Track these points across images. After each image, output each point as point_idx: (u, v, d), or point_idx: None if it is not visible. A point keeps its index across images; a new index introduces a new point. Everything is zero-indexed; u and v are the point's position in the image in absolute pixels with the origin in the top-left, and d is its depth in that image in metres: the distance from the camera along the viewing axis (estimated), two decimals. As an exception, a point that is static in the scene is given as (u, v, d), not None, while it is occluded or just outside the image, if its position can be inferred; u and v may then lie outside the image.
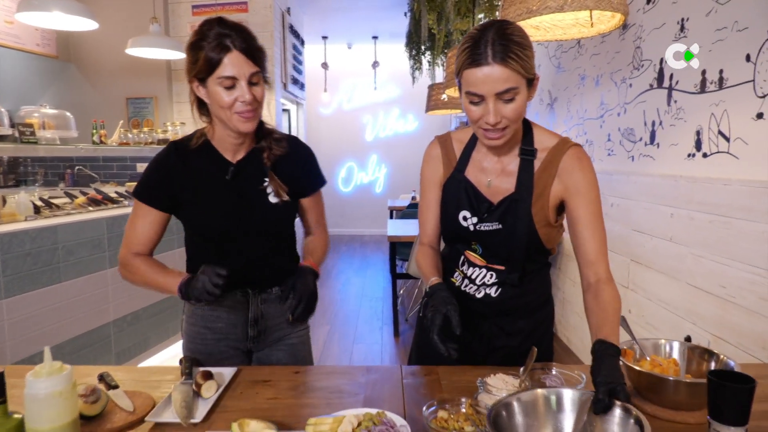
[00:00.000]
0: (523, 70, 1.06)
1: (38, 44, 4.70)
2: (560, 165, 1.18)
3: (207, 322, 1.43)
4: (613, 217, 2.99)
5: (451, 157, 1.31)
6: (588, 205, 1.17)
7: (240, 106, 1.22)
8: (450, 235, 1.33)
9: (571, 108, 3.71)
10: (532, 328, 1.35)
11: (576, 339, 3.59)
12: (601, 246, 1.18)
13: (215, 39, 1.18)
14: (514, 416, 0.95)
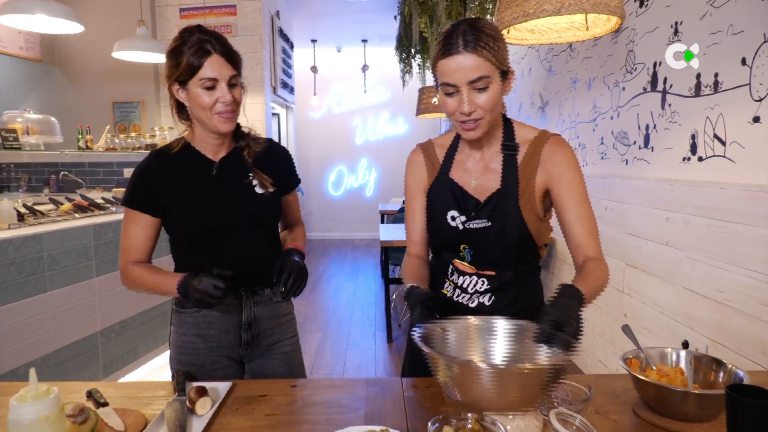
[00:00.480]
0: (495, 59, 1.09)
1: (22, 47, 4.61)
2: (542, 155, 1.20)
3: (198, 329, 1.40)
4: (606, 221, 2.98)
5: (434, 161, 1.32)
6: (572, 189, 1.19)
7: (220, 107, 1.28)
8: (439, 239, 1.30)
9: (563, 111, 3.70)
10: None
11: (570, 343, 3.57)
12: (588, 228, 1.19)
13: (196, 44, 1.24)
14: (447, 336, 1.04)
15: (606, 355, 3.01)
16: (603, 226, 3.02)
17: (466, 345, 1.06)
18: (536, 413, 1.01)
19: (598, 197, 3.10)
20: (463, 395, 0.93)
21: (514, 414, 0.98)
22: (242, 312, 1.42)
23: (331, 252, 7.88)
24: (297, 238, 1.53)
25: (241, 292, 1.42)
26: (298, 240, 1.51)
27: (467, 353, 1.05)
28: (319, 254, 7.72)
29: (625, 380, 1.28)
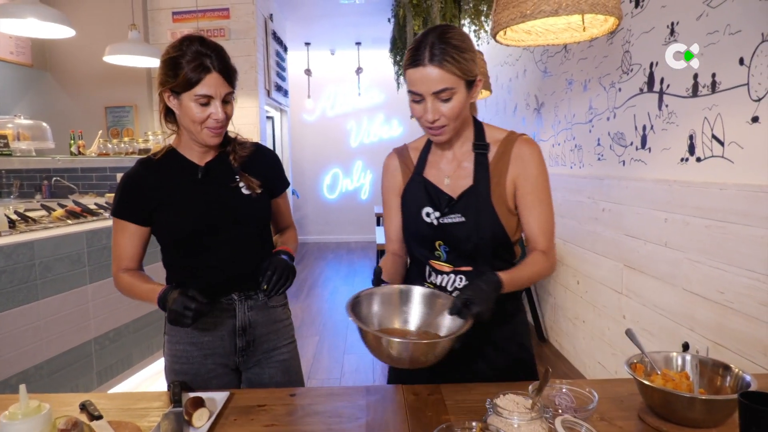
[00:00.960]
0: (460, 71, 1.14)
1: (12, 52, 4.57)
2: (512, 152, 1.26)
3: (192, 337, 1.39)
4: (604, 222, 2.97)
5: (409, 164, 1.37)
6: (533, 190, 1.25)
7: (212, 123, 1.28)
8: (415, 236, 1.33)
9: (558, 113, 3.70)
10: (511, 335, 1.37)
11: (568, 345, 3.57)
12: (540, 223, 1.26)
13: (196, 58, 1.23)
14: (372, 305, 1.21)
15: (605, 357, 2.99)
16: (600, 228, 3.01)
17: (388, 310, 1.22)
18: (541, 421, 0.99)
19: (595, 198, 3.09)
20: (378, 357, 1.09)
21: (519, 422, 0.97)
22: (236, 317, 1.40)
23: (327, 255, 7.84)
24: (287, 241, 1.52)
25: (234, 296, 1.40)
26: (288, 243, 1.50)
27: (389, 318, 1.22)
28: (315, 258, 7.68)
29: (629, 385, 1.26)
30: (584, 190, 3.25)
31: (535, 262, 1.26)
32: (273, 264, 1.31)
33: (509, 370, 1.35)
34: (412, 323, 1.22)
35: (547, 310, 3.97)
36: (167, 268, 1.41)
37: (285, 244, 1.48)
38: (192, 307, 1.18)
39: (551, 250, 1.28)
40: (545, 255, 1.26)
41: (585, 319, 3.27)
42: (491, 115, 5.61)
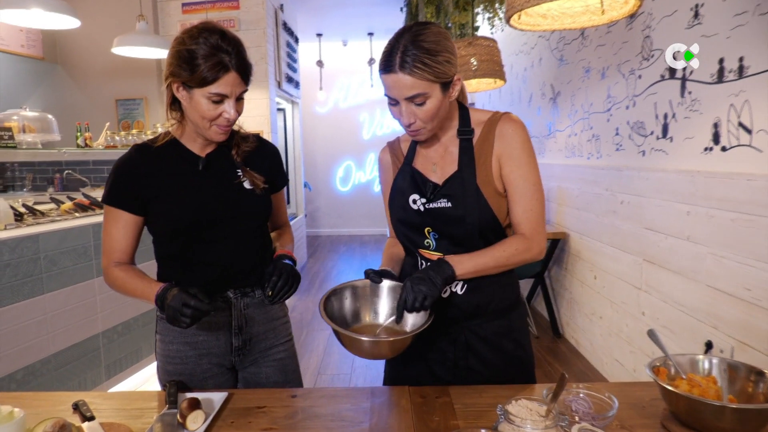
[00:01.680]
0: (433, 76, 1.11)
1: (23, 45, 4.56)
2: (496, 132, 1.22)
3: (186, 337, 1.32)
4: (623, 215, 2.87)
5: (399, 155, 1.37)
6: (517, 169, 1.20)
7: (223, 121, 1.22)
8: (404, 223, 1.31)
9: (575, 102, 3.58)
10: (506, 331, 1.30)
11: (585, 341, 3.47)
12: (525, 206, 1.21)
13: (215, 55, 1.15)
14: (344, 300, 1.27)
15: (623, 355, 2.90)
16: (619, 221, 2.91)
17: (359, 302, 1.28)
18: (557, 429, 0.92)
19: (613, 190, 2.98)
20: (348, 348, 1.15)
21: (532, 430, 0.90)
22: (232, 315, 1.34)
23: (340, 248, 7.80)
24: (285, 242, 1.47)
25: (229, 294, 1.34)
26: (286, 245, 1.45)
27: (361, 310, 1.28)
28: (328, 251, 7.64)
29: (651, 389, 1.18)
30: (602, 182, 3.14)
31: (509, 244, 1.20)
32: (278, 269, 1.26)
33: (504, 368, 1.30)
34: (381, 315, 1.27)
35: (563, 305, 3.87)
36: (159, 262, 1.35)
37: (283, 246, 1.43)
38: (191, 304, 1.11)
39: (537, 235, 1.21)
40: (526, 239, 1.20)
41: (602, 315, 3.17)
42: (506, 105, 5.49)
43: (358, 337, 1.10)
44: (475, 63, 3.47)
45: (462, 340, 1.28)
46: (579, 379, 3.14)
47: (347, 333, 1.11)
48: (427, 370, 1.32)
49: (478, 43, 3.45)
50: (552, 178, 4.06)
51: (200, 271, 1.31)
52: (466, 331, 1.28)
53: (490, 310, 1.28)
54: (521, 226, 1.21)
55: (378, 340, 1.14)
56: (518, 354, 1.30)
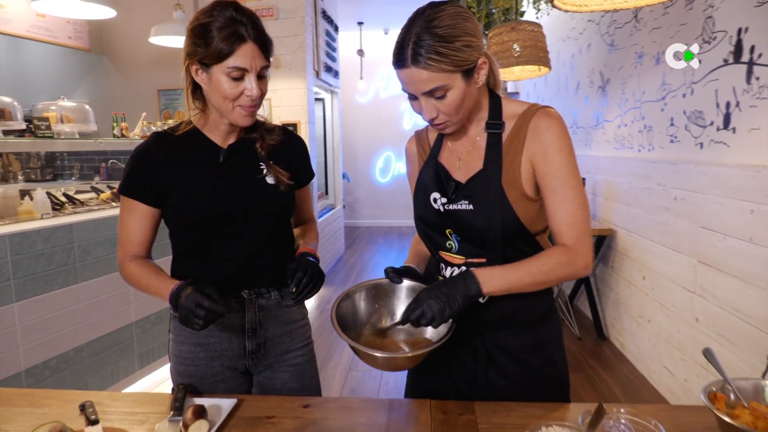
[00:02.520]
0: (451, 65, 0.99)
1: (70, 37, 4.68)
2: (528, 127, 1.08)
3: (198, 338, 1.26)
4: (676, 212, 2.66)
5: (425, 147, 1.26)
6: (553, 170, 1.05)
7: (246, 100, 1.15)
8: (426, 223, 1.20)
9: (626, 90, 3.35)
10: (535, 345, 1.17)
11: (631, 345, 3.27)
12: (567, 212, 1.05)
13: (229, 26, 1.09)
14: (360, 302, 1.19)
15: (673, 362, 2.70)
16: (672, 218, 2.70)
17: (373, 306, 1.20)
18: None
19: (666, 186, 2.76)
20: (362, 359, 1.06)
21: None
22: (245, 317, 1.27)
23: (378, 240, 7.74)
24: (309, 240, 1.38)
25: (243, 294, 1.26)
26: (310, 243, 1.36)
27: (376, 313, 1.19)
28: (366, 242, 7.60)
29: (704, 415, 1.04)
30: (654, 176, 2.92)
31: (548, 256, 1.05)
32: (303, 265, 1.18)
33: (532, 386, 1.16)
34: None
35: (608, 306, 3.67)
36: (174, 256, 1.30)
37: (307, 244, 1.34)
38: (205, 305, 1.05)
39: (581, 245, 1.04)
40: (569, 250, 1.04)
41: (651, 319, 2.97)
42: (551, 93, 5.25)
43: (371, 352, 1.01)
44: (518, 49, 3.29)
45: (482, 352, 1.17)
46: (624, 387, 2.96)
47: (359, 347, 1.02)
48: (449, 380, 1.21)
49: (522, 28, 3.27)
50: (599, 171, 3.84)
51: (214, 268, 1.24)
52: (488, 343, 1.17)
53: (517, 322, 1.15)
54: (562, 236, 1.06)
55: (393, 356, 1.04)
56: (548, 371, 1.17)
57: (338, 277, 5.66)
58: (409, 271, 1.21)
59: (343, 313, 1.13)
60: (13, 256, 2.07)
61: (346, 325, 1.11)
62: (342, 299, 1.16)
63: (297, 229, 1.44)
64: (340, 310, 1.13)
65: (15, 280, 2.08)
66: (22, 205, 2.45)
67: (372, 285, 1.21)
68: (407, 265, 1.25)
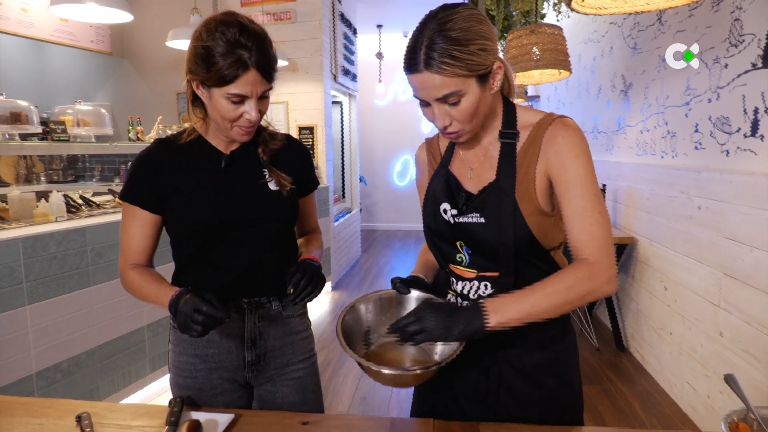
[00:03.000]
0: (466, 70, 0.94)
1: (92, 41, 4.75)
2: (544, 138, 1.03)
3: (196, 348, 1.24)
4: (700, 222, 2.56)
5: (436, 155, 1.22)
6: (571, 185, 0.99)
7: (244, 122, 1.14)
8: (436, 234, 1.15)
9: (649, 94, 3.26)
10: (550, 365, 1.11)
11: (651, 358, 3.17)
12: (586, 226, 0.98)
13: (232, 52, 1.06)
14: (367, 314, 1.14)
15: (696, 378, 2.60)
16: (695, 228, 2.60)
17: (381, 318, 1.15)
18: None
19: (690, 194, 2.67)
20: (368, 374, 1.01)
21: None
22: (245, 327, 1.24)
23: (395, 244, 7.69)
24: (312, 248, 1.35)
25: (243, 303, 1.24)
26: (314, 250, 1.33)
27: (383, 326, 1.13)
28: (383, 246, 7.56)
29: (726, 445, 0.98)
30: (677, 184, 2.82)
31: (565, 274, 0.96)
32: (302, 267, 1.16)
33: (545, 407, 1.11)
34: None
35: (628, 316, 3.57)
36: (175, 265, 1.28)
37: (310, 252, 1.31)
38: (203, 310, 1.02)
39: (602, 258, 0.96)
40: (589, 264, 0.95)
41: (672, 331, 2.87)
42: (572, 97, 5.15)
43: (377, 368, 0.96)
44: (538, 52, 3.22)
45: (495, 372, 1.11)
46: (644, 401, 2.86)
47: (365, 362, 0.98)
48: (457, 399, 1.16)
49: (542, 31, 3.20)
50: (620, 177, 3.74)
51: (215, 276, 1.22)
52: (501, 362, 1.11)
53: (531, 340, 1.09)
54: (582, 251, 0.98)
55: (399, 373, 1.00)
56: (562, 392, 1.12)
57: (354, 281, 5.64)
58: (417, 281, 1.17)
59: (350, 326, 1.10)
60: (26, 259, 2.08)
61: (351, 339, 1.07)
62: (347, 312, 1.12)
63: (301, 239, 1.41)
64: (345, 323, 1.09)
65: (27, 283, 2.09)
66: (38, 208, 2.47)
67: (378, 296, 1.17)
68: (415, 275, 1.21)
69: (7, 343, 2.03)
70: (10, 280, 2.03)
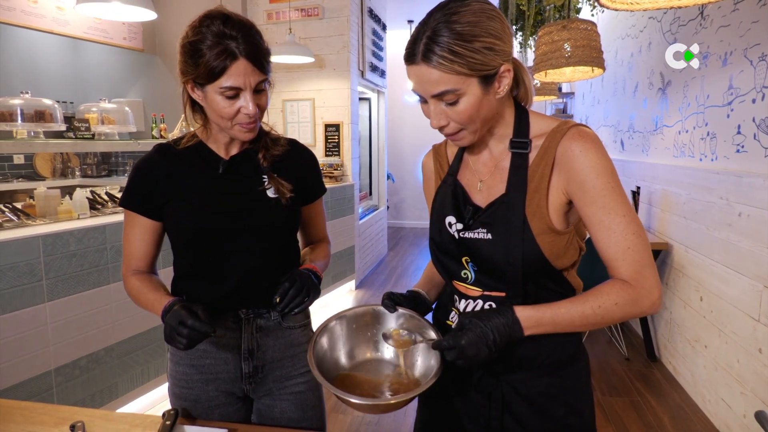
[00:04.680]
0: (466, 68, 0.87)
1: (125, 38, 4.82)
2: (557, 151, 0.94)
3: (193, 359, 1.21)
4: (740, 230, 2.40)
5: (443, 163, 1.15)
6: (594, 199, 0.90)
7: (243, 118, 1.10)
8: (439, 248, 1.08)
9: (688, 93, 3.08)
10: (558, 393, 1.02)
11: (684, 369, 3.01)
12: (617, 243, 0.90)
13: (218, 43, 1.03)
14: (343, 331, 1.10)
15: (732, 395, 2.45)
16: (735, 236, 2.45)
17: (359, 337, 1.11)
18: None
19: (730, 200, 2.51)
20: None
21: None
22: (242, 337, 1.20)
23: (422, 242, 7.61)
24: (317, 258, 1.29)
25: (241, 314, 1.20)
26: (317, 260, 1.27)
27: (360, 346, 1.11)
28: (410, 244, 7.49)
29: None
30: (716, 189, 2.66)
31: (606, 295, 0.89)
32: (293, 276, 1.12)
33: None
34: (386, 352, 1.11)
35: (661, 325, 3.40)
36: (174, 274, 1.26)
37: (313, 262, 1.26)
38: (188, 323, 0.99)
39: (645, 281, 0.88)
40: (630, 288, 0.88)
41: (708, 344, 2.71)
42: (608, 95, 4.96)
43: (346, 397, 0.91)
44: (569, 49, 3.08)
45: (498, 397, 1.04)
46: (674, 416, 2.72)
47: (335, 391, 0.93)
48: (459, 424, 1.10)
49: (574, 26, 3.06)
50: (656, 179, 3.57)
51: (211, 285, 1.19)
52: (504, 386, 1.04)
53: (539, 364, 1.01)
54: (618, 270, 0.90)
55: (369, 404, 0.94)
56: (571, 422, 1.03)
57: (379, 279, 5.59)
58: (413, 297, 1.11)
59: (323, 348, 1.06)
60: (46, 257, 2.11)
61: (324, 362, 1.03)
62: (320, 332, 1.09)
63: (306, 248, 1.36)
64: (318, 345, 1.05)
65: (47, 280, 2.12)
66: (62, 205, 2.51)
67: (356, 313, 1.12)
68: (414, 290, 1.15)
69: (27, 339, 2.06)
70: (31, 277, 2.06)
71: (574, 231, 0.97)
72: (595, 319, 0.89)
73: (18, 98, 2.66)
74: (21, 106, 2.63)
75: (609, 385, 3.07)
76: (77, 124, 2.71)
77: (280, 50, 4.08)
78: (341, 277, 4.79)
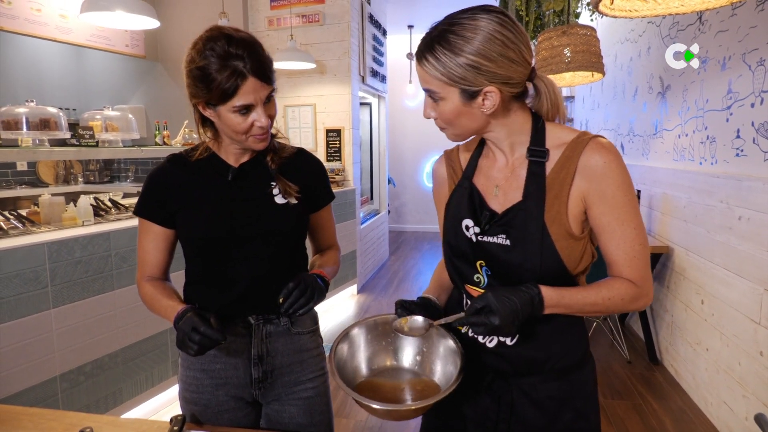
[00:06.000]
0: (445, 77, 0.93)
1: (127, 45, 4.85)
2: (580, 161, 0.97)
3: (203, 363, 1.23)
4: (740, 233, 2.42)
5: (457, 168, 1.16)
6: (612, 209, 0.95)
7: (257, 131, 1.14)
8: (454, 251, 1.10)
9: (687, 97, 3.10)
10: (566, 397, 1.04)
11: (686, 373, 3.02)
12: (626, 251, 0.96)
13: (226, 65, 1.05)
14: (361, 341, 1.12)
15: (733, 398, 2.46)
16: (735, 240, 2.46)
17: (378, 345, 1.13)
18: None
19: (730, 204, 2.52)
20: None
21: None
22: (252, 343, 1.22)
23: (423, 246, 7.63)
24: (326, 263, 1.31)
25: (251, 319, 1.22)
26: (326, 266, 1.29)
27: (379, 354, 1.12)
28: (411, 248, 7.50)
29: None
30: (716, 193, 2.68)
31: (617, 289, 0.97)
32: (298, 278, 1.13)
33: None
34: (405, 359, 1.13)
35: (662, 328, 3.41)
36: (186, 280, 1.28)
37: (322, 267, 1.27)
38: (200, 330, 1.02)
39: (646, 284, 0.98)
40: (635, 288, 0.97)
41: (709, 347, 2.72)
42: (607, 99, 4.98)
43: (369, 404, 0.92)
44: (569, 54, 3.11)
45: (507, 401, 1.05)
46: (677, 419, 2.73)
47: (357, 397, 0.94)
48: (464, 428, 1.11)
49: (574, 32, 3.09)
50: (656, 183, 3.59)
51: (221, 292, 1.21)
52: (513, 390, 1.05)
53: (547, 369, 1.03)
54: (623, 273, 0.97)
55: (392, 409, 0.98)
56: (578, 426, 1.05)
57: (380, 283, 5.60)
58: (425, 304, 1.12)
59: (343, 356, 1.08)
60: (51, 264, 2.12)
61: (345, 369, 1.05)
62: (341, 339, 1.10)
63: (316, 255, 1.38)
64: (339, 352, 1.06)
65: (53, 287, 2.13)
66: (66, 212, 2.53)
67: (375, 322, 1.14)
68: (425, 296, 1.16)
69: (32, 346, 2.08)
70: (36, 284, 2.08)
71: (588, 237, 1.00)
72: (601, 308, 0.97)
73: (23, 107, 2.68)
74: (26, 114, 2.65)
75: (611, 388, 3.07)
76: (81, 131, 2.74)
77: (281, 56, 4.10)
78: (343, 282, 4.80)
